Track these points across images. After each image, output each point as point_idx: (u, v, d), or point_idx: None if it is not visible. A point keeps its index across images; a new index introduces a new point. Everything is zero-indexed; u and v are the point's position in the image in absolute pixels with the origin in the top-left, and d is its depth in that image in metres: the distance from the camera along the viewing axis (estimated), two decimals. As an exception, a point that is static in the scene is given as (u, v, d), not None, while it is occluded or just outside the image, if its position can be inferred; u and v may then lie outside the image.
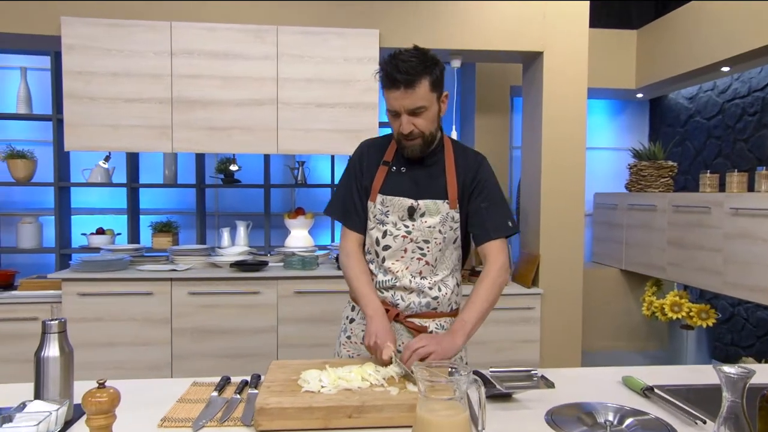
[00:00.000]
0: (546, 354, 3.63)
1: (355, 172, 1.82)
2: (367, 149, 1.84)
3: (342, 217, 1.84)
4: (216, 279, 3.29)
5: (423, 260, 1.74)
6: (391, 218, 1.74)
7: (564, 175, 3.63)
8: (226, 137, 3.37)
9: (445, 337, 1.57)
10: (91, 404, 0.93)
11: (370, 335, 1.60)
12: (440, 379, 1.04)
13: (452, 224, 1.74)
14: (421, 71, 1.59)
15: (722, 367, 1.12)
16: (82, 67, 3.26)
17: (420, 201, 1.72)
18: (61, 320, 1.31)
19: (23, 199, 4.46)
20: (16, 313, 3.27)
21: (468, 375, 1.05)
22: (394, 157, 1.78)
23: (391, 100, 1.63)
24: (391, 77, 1.59)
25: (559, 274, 3.64)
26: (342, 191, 1.84)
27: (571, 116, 3.61)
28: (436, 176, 1.75)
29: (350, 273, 1.78)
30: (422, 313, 1.76)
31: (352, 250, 1.81)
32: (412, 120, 1.63)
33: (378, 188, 1.76)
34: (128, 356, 3.25)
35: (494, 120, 4.54)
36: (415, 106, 1.61)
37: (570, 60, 3.60)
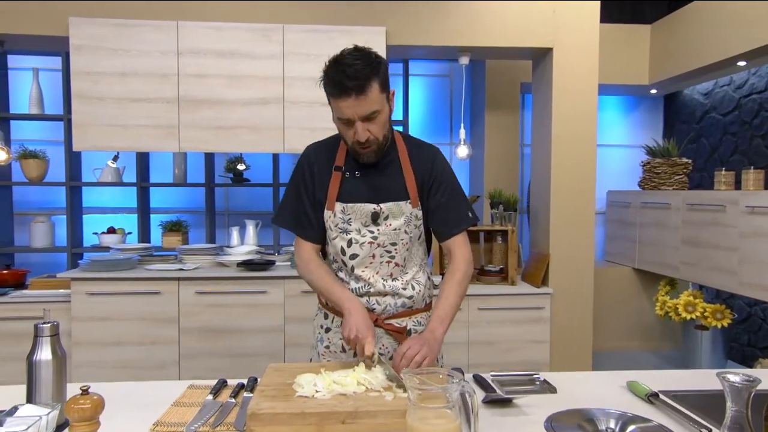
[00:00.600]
0: (556, 354, 3.58)
1: (304, 180, 1.72)
2: (314, 154, 1.74)
3: (294, 227, 1.75)
4: (223, 278, 3.29)
5: (392, 263, 1.71)
6: (354, 225, 1.68)
7: (574, 173, 3.58)
8: (233, 136, 3.36)
9: (429, 338, 1.55)
10: (74, 411, 0.92)
11: (350, 329, 1.53)
12: (431, 387, 1.01)
13: (416, 222, 1.72)
14: (369, 74, 1.50)
15: (726, 375, 1.08)
16: (90, 67, 3.27)
17: (382, 205, 1.67)
18: (54, 323, 1.30)
19: (37, 198, 4.50)
20: (27, 312, 3.29)
21: (459, 382, 1.02)
22: (345, 162, 1.69)
23: (343, 109, 1.52)
24: (340, 85, 1.49)
25: (569, 274, 3.59)
26: (291, 200, 1.75)
27: (581, 113, 3.55)
28: (393, 177, 1.69)
29: (314, 277, 1.71)
30: (399, 314, 1.74)
31: (310, 257, 1.74)
32: (367, 126, 1.55)
33: (335, 196, 1.68)
34: (136, 355, 3.26)
35: (504, 117, 4.48)
36: (369, 111, 1.53)
37: (580, 56, 3.54)
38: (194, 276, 3.28)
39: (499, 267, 3.68)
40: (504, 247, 3.70)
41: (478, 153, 4.60)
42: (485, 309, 3.47)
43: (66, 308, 3.28)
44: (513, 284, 3.62)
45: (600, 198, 5.08)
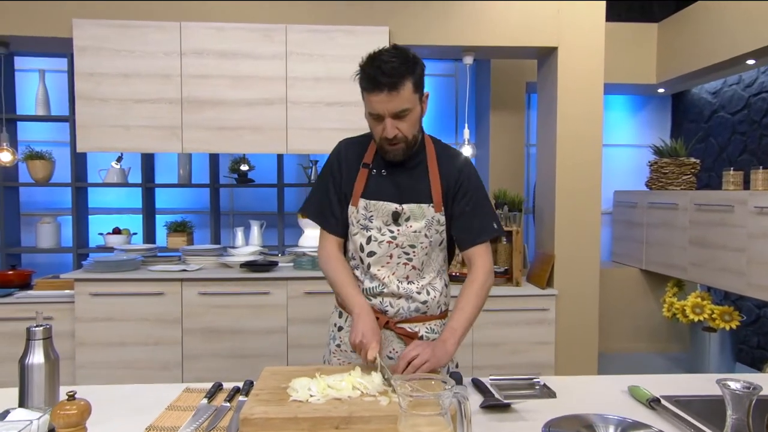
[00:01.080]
0: (561, 356, 3.54)
1: (333, 173, 1.75)
2: (345, 149, 1.76)
3: (319, 219, 1.77)
4: (226, 279, 3.29)
5: (409, 265, 1.69)
6: (376, 223, 1.68)
7: (579, 173, 3.54)
8: (236, 137, 3.36)
9: (438, 346, 1.53)
10: (60, 417, 0.92)
11: (356, 333, 1.55)
12: (423, 394, 0.99)
13: (438, 227, 1.69)
14: (404, 72, 1.53)
15: (726, 382, 1.05)
16: (93, 68, 3.28)
17: (404, 205, 1.67)
18: (46, 326, 1.29)
19: (43, 199, 4.53)
20: (32, 312, 3.30)
21: (452, 389, 1.00)
22: (374, 159, 1.71)
23: (374, 104, 1.55)
24: (374, 80, 1.52)
25: (574, 275, 3.56)
26: (319, 192, 1.77)
27: (587, 113, 3.51)
28: (418, 179, 1.69)
29: (332, 275, 1.73)
30: (412, 318, 1.71)
31: (332, 252, 1.75)
32: (396, 123, 1.57)
33: (360, 192, 1.69)
34: (139, 356, 3.26)
35: (510, 117, 4.45)
36: (400, 109, 1.55)
37: (585, 55, 3.50)
38: (197, 277, 3.27)
39: (503, 268, 3.65)
40: (509, 248, 3.67)
41: (483, 153, 4.57)
42: (490, 310, 3.44)
43: (70, 309, 3.29)
44: (518, 285, 3.59)
45: (607, 198, 5.03)
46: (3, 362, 3.27)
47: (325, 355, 1.87)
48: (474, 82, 4.76)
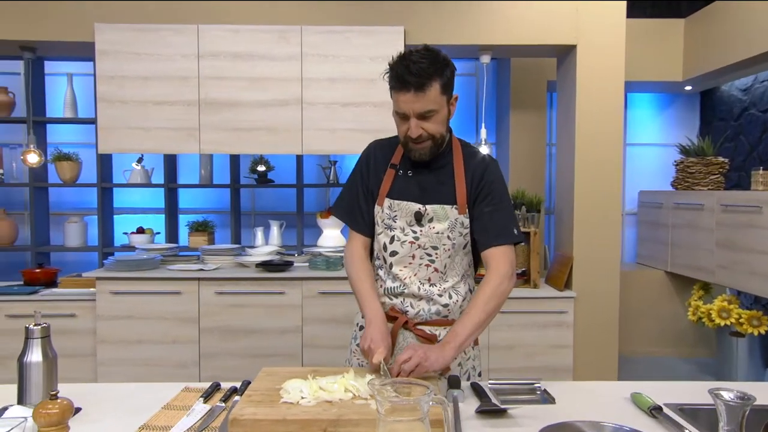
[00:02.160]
0: (579, 360, 3.48)
1: (362, 174, 1.77)
2: (374, 150, 1.79)
3: (347, 219, 1.79)
4: (242, 279, 3.32)
5: (431, 267, 1.67)
6: (399, 223, 1.69)
7: (599, 173, 3.47)
8: (252, 138, 3.39)
9: (434, 350, 1.50)
10: (41, 416, 0.93)
11: (365, 339, 1.57)
12: (400, 400, 0.98)
13: (461, 230, 1.67)
14: (432, 73, 1.53)
15: (719, 392, 1.02)
16: (114, 71, 3.35)
17: (427, 206, 1.66)
18: (44, 326, 1.32)
19: (71, 199, 4.65)
20: (56, 309, 3.40)
21: (430, 394, 0.99)
22: (401, 160, 1.72)
23: (400, 103, 1.56)
24: (401, 79, 1.53)
25: (593, 277, 3.49)
26: (348, 192, 1.80)
27: (606, 111, 3.44)
28: (443, 180, 1.69)
29: (353, 276, 1.75)
30: (432, 321, 1.70)
31: (357, 253, 1.77)
32: (421, 123, 1.57)
33: (385, 192, 1.71)
34: (157, 354, 3.32)
35: (530, 116, 4.39)
36: (425, 109, 1.55)
37: (605, 53, 3.43)
38: (214, 276, 3.32)
39: (521, 269, 3.60)
40: (527, 249, 3.62)
41: (503, 153, 4.53)
42: (506, 312, 3.40)
43: (92, 306, 3.37)
44: (536, 287, 3.54)
45: (632, 198, 4.93)
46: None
47: (347, 355, 1.88)
48: (495, 80, 4.71)
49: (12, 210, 4.50)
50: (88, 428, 1.31)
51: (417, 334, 1.69)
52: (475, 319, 1.57)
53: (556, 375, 3.43)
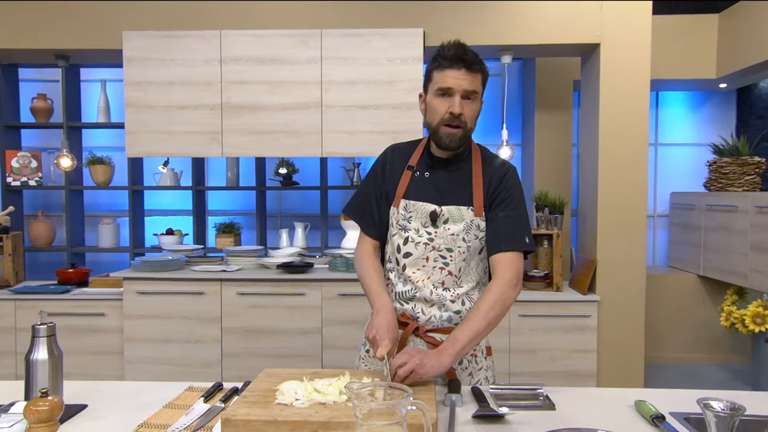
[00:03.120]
0: (604, 365, 3.41)
1: (376, 178, 1.78)
2: (391, 154, 1.80)
3: (359, 220, 1.80)
4: (263, 280, 3.37)
5: (446, 270, 1.66)
6: (414, 224, 1.68)
7: (624, 174, 3.39)
8: (273, 141, 3.44)
9: (431, 356, 1.49)
10: (31, 413, 0.97)
11: (372, 328, 1.57)
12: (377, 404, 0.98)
13: (477, 233, 1.66)
14: (479, 63, 1.60)
15: (708, 402, 0.98)
16: (141, 77, 3.45)
17: (443, 207, 1.66)
18: (50, 324, 1.37)
19: (105, 201, 4.81)
20: (86, 308, 3.51)
21: (407, 398, 0.99)
22: (418, 162, 1.73)
23: (448, 78, 1.58)
24: (456, 56, 1.57)
25: (618, 280, 3.41)
26: (361, 194, 1.81)
27: (631, 111, 3.36)
28: (460, 182, 1.69)
29: (361, 273, 1.75)
30: (444, 328, 1.68)
31: (366, 253, 1.78)
32: (463, 104, 1.60)
33: (402, 193, 1.71)
34: (181, 353, 3.40)
35: (556, 116, 4.32)
36: (472, 88, 1.59)
37: (630, 52, 3.35)
38: (236, 277, 3.38)
39: (544, 272, 3.55)
40: (549, 251, 3.56)
41: (529, 153, 4.47)
42: (527, 316, 3.36)
43: (120, 306, 3.47)
44: (558, 290, 3.48)
45: (663, 200, 4.80)
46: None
47: (355, 360, 1.88)
48: (521, 80, 4.66)
49: (50, 212, 4.68)
50: (92, 425, 1.35)
51: (428, 342, 1.67)
52: (475, 327, 1.54)
53: (580, 380, 3.37)
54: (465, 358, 1.71)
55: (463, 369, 1.72)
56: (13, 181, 4.38)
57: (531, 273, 3.57)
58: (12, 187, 4.38)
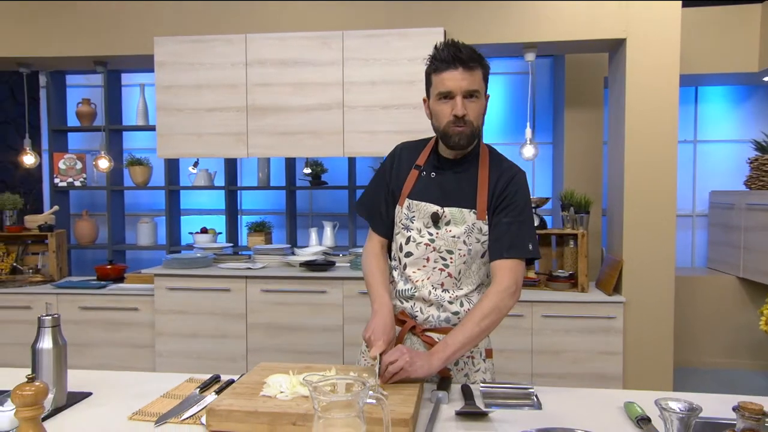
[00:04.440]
0: (630, 368, 3.32)
1: (385, 175, 1.78)
2: (400, 151, 1.80)
3: (368, 217, 1.83)
4: (286, 278, 3.45)
5: (445, 271, 1.66)
6: (416, 224, 1.68)
7: (651, 172, 3.30)
8: (296, 142, 3.51)
9: (422, 357, 1.50)
10: (17, 397, 1.04)
11: (368, 329, 1.60)
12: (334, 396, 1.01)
13: (479, 236, 1.65)
14: (477, 59, 1.59)
15: (666, 402, 0.97)
16: (171, 81, 3.58)
17: (446, 208, 1.65)
18: (55, 316, 1.45)
19: (145, 201, 5.00)
20: (121, 303, 3.67)
21: (365, 390, 1.01)
22: (426, 162, 1.73)
23: (447, 81, 1.57)
24: (451, 57, 1.56)
25: (645, 282, 3.32)
26: (371, 192, 1.83)
27: (659, 108, 3.27)
28: (465, 184, 1.67)
29: (365, 271, 1.78)
30: (441, 328, 1.69)
31: (372, 250, 1.80)
32: (466, 104, 1.58)
33: (407, 193, 1.71)
34: (209, 347, 3.51)
35: (586, 114, 4.23)
36: (472, 88, 1.57)
37: (658, 46, 3.26)
38: (260, 275, 3.46)
39: (568, 272, 3.49)
40: (575, 251, 3.50)
41: (559, 152, 4.40)
42: (550, 316, 3.31)
43: (152, 301, 3.61)
44: (583, 291, 3.42)
45: (702, 199, 4.64)
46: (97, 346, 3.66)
47: (358, 354, 1.92)
48: (552, 78, 4.59)
49: (94, 211, 4.91)
50: (93, 411, 1.43)
51: (424, 341, 1.68)
52: (467, 333, 1.55)
53: (605, 383, 3.30)
54: (461, 360, 1.71)
55: (459, 370, 1.72)
56: (60, 181, 4.62)
57: (555, 273, 3.52)
58: (59, 187, 4.62)
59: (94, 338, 3.67)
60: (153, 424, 1.34)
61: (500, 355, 3.33)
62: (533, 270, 3.67)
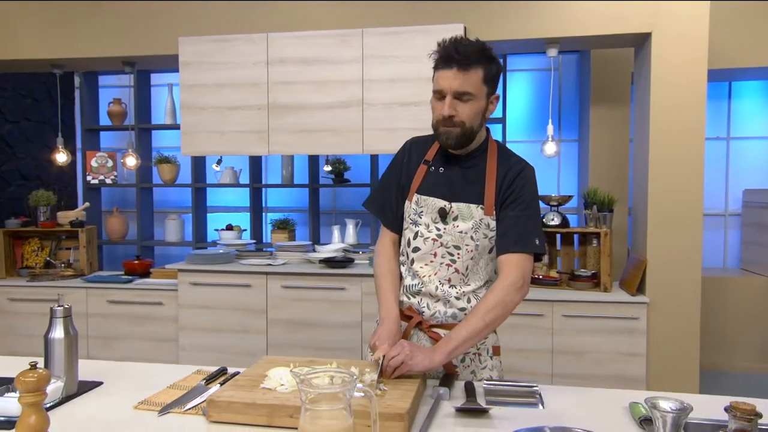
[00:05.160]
0: (654, 370, 3.25)
1: (396, 170, 1.78)
2: (410, 146, 1.80)
3: (378, 213, 1.82)
4: (305, 274, 3.48)
5: (452, 267, 1.66)
6: (424, 219, 1.68)
7: (677, 170, 3.21)
8: (316, 139, 3.53)
9: (423, 351, 1.51)
10: (20, 383, 1.08)
11: (374, 336, 1.62)
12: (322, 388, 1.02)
13: (486, 232, 1.64)
14: (477, 59, 1.55)
15: (656, 401, 0.95)
16: (195, 80, 3.65)
17: (453, 204, 1.65)
18: (66, 307, 1.49)
19: (174, 198, 5.11)
20: (146, 297, 3.76)
21: (353, 382, 1.01)
22: (435, 157, 1.72)
23: (440, 80, 1.56)
24: (446, 55, 1.54)
25: (670, 282, 3.24)
26: (381, 187, 1.82)
27: (686, 103, 3.18)
28: (473, 179, 1.67)
29: (376, 272, 1.78)
30: (448, 324, 1.68)
31: (384, 248, 1.79)
32: (456, 104, 1.57)
33: (416, 188, 1.71)
34: (231, 342, 3.57)
35: (613, 111, 4.15)
36: (463, 89, 1.54)
37: (685, 40, 3.17)
38: (280, 271, 3.50)
39: (591, 272, 3.43)
40: (598, 250, 3.44)
41: (585, 149, 4.32)
42: (571, 316, 3.26)
43: (176, 296, 3.68)
44: (606, 291, 3.35)
45: (735, 198, 4.50)
46: (124, 339, 3.76)
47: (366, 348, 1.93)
48: (578, 74, 4.51)
49: (124, 208, 5.04)
50: (102, 400, 1.47)
51: (431, 336, 1.68)
52: (471, 327, 1.54)
53: (628, 385, 3.23)
54: (467, 356, 1.70)
55: (465, 366, 1.71)
56: (92, 179, 4.76)
57: (578, 272, 3.47)
58: (91, 184, 4.76)
59: (121, 331, 3.77)
60: (156, 414, 1.37)
61: (519, 355, 3.29)
62: (555, 269, 3.62)
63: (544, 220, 3.51)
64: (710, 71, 3.32)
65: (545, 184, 4.37)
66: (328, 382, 1.05)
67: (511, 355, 3.30)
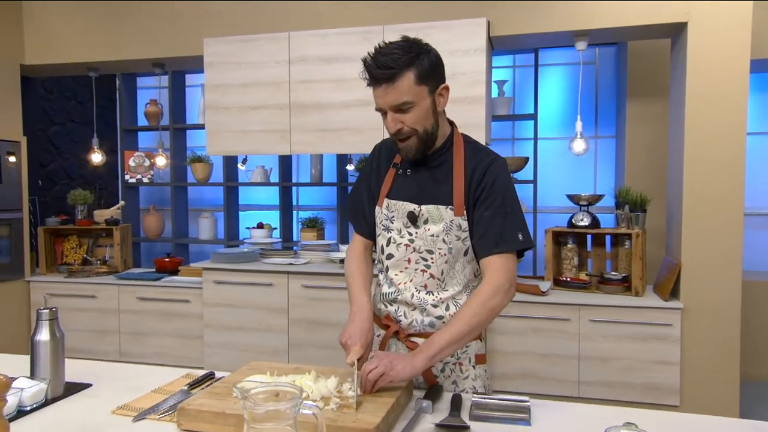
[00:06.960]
0: (689, 380, 3.06)
1: (367, 174, 1.74)
2: (379, 150, 1.74)
3: (352, 219, 1.78)
4: (324, 274, 3.45)
5: (427, 272, 1.59)
6: (396, 224, 1.62)
7: (715, 169, 3.01)
8: (337, 138, 3.50)
9: (403, 359, 1.44)
10: (-21, 389, 1.08)
11: (344, 334, 1.56)
12: (266, 405, 0.98)
13: (459, 233, 1.57)
14: (403, 64, 1.45)
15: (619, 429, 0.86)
16: (219, 80, 3.68)
17: (422, 206, 1.58)
18: (52, 309, 1.51)
19: (208, 196, 5.20)
20: (174, 295, 3.83)
21: (299, 398, 0.97)
22: (402, 159, 1.65)
23: (375, 98, 1.51)
24: (370, 74, 1.49)
25: (706, 287, 3.04)
26: (354, 193, 1.78)
27: (725, 97, 2.97)
28: (440, 179, 1.59)
29: (346, 272, 1.74)
30: (425, 333, 1.61)
31: (355, 253, 1.75)
32: (399, 117, 1.50)
33: (386, 192, 1.65)
34: (254, 340, 3.58)
35: (650, 106, 3.95)
36: (399, 102, 1.47)
37: (724, 29, 2.96)
38: (301, 271, 3.49)
39: (622, 275, 3.27)
40: (629, 252, 3.27)
41: (622, 146, 4.13)
42: (599, 321, 3.12)
43: (201, 294, 3.73)
44: (638, 295, 3.19)
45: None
46: (153, 335, 3.84)
47: None
48: (615, 68, 4.31)
49: (161, 206, 5.16)
50: (87, 402, 1.48)
51: (408, 346, 1.61)
52: (454, 331, 1.46)
53: (659, 395, 3.06)
54: (447, 366, 1.63)
55: (446, 377, 1.64)
56: (130, 178, 4.89)
57: (608, 276, 3.31)
58: (129, 184, 4.89)
59: (150, 328, 3.85)
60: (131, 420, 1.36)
61: (545, 361, 3.17)
62: (585, 271, 3.47)
63: (573, 220, 3.37)
64: (754, 62, 3.10)
65: (577, 182, 4.21)
66: (272, 399, 1.00)
67: (535, 360, 3.18)
